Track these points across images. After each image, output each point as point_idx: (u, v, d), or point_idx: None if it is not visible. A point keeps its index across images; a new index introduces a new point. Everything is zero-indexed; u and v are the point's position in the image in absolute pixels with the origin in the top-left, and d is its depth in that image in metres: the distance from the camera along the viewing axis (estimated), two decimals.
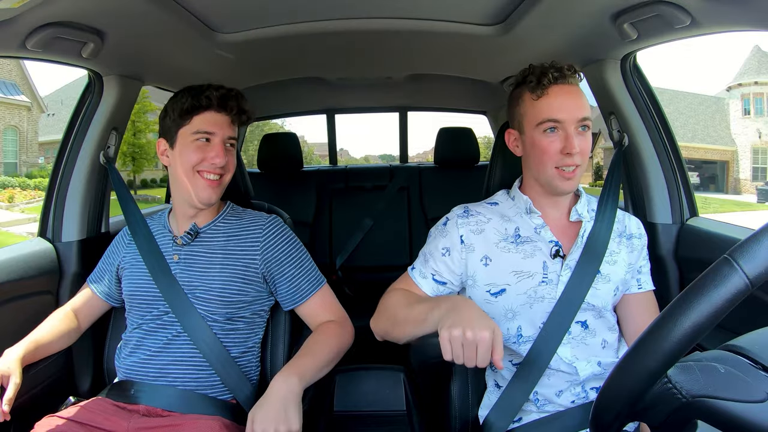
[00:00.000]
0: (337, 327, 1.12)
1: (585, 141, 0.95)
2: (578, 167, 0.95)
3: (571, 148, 0.93)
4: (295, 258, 1.14)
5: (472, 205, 1.06)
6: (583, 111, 0.95)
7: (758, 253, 0.46)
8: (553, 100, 0.94)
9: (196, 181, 1.08)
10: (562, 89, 0.95)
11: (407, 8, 1.32)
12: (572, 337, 0.97)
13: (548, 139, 0.95)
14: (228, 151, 1.10)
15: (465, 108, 2.91)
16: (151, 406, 1.03)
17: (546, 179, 0.97)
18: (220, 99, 1.08)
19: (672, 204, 1.38)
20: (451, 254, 1.01)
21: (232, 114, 1.10)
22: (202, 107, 1.07)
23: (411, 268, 1.07)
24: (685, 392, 0.48)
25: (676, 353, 0.48)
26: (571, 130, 0.93)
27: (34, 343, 1.04)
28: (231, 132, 1.10)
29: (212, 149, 1.07)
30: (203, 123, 1.07)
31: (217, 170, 1.08)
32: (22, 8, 0.89)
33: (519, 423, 0.98)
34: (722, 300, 0.46)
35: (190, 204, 1.11)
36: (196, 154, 1.07)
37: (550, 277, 0.97)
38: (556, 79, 0.94)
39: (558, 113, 0.94)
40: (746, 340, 0.53)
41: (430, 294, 1.04)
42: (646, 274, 1.06)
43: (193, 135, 1.08)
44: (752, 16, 0.93)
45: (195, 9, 1.20)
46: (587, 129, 0.96)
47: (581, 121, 0.94)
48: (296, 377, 0.96)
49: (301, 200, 2.43)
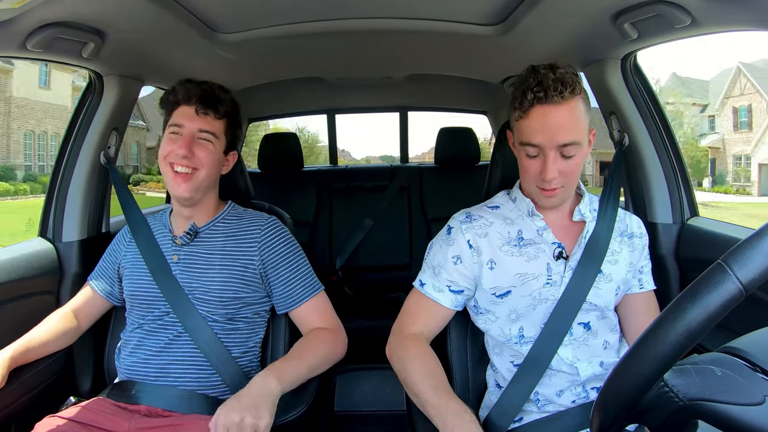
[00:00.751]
0: (329, 335, 1.10)
1: (567, 165, 0.90)
2: (559, 188, 0.93)
3: (545, 175, 0.89)
4: (291, 261, 1.13)
5: (473, 209, 1.06)
6: (566, 135, 0.88)
7: (751, 258, 0.46)
8: (533, 123, 0.89)
9: (168, 175, 1.08)
10: (543, 111, 0.88)
11: (407, 8, 1.32)
12: (574, 338, 0.97)
13: (529, 161, 0.93)
14: (198, 144, 1.08)
15: (465, 108, 2.91)
16: (152, 406, 1.03)
17: (530, 192, 0.98)
18: (186, 92, 1.09)
19: (672, 204, 1.38)
20: (462, 261, 1.00)
21: (202, 107, 1.08)
22: (178, 102, 1.09)
23: (420, 285, 1.03)
24: (682, 395, 0.49)
25: (670, 358, 0.48)
26: (550, 156, 0.89)
27: (25, 345, 1.04)
28: (202, 125, 1.08)
29: (178, 140, 1.07)
30: (175, 117, 1.09)
31: (182, 162, 1.06)
32: (23, 8, 0.89)
33: (519, 423, 0.98)
34: (716, 306, 0.46)
35: (177, 201, 1.12)
36: (167, 146, 1.08)
37: (554, 278, 0.97)
38: (539, 99, 0.87)
39: (536, 138, 0.89)
40: (744, 341, 0.53)
41: (452, 306, 1.01)
42: (648, 274, 1.06)
43: (169, 128, 1.10)
44: (753, 16, 0.93)
45: (195, 9, 1.20)
46: (573, 153, 0.90)
47: (562, 147, 0.89)
48: (276, 380, 0.94)
49: (301, 200, 2.43)
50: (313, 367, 1.04)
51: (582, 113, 0.91)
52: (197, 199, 1.11)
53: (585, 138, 0.92)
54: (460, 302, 1.03)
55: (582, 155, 0.92)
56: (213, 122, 1.10)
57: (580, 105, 0.90)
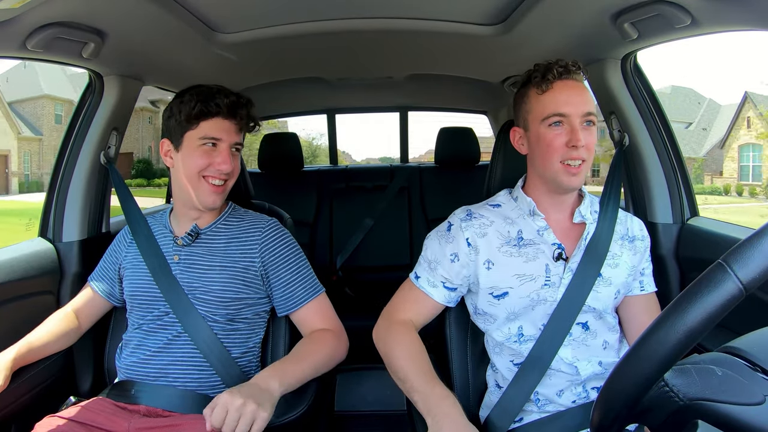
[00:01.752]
0: (331, 337, 1.10)
1: (590, 136, 0.95)
2: (584, 162, 0.95)
3: (577, 141, 0.92)
4: (292, 263, 1.13)
5: (474, 207, 1.06)
6: (588, 105, 0.95)
7: (752, 258, 0.46)
8: (558, 94, 0.95)
9: (200, 186, 1.08)
10: (566, 84, 0.95)
11: (408, 8, 1.32)
12: (573, 338, 0.97)
13: (554, 133, 0.95)
14: (234, 156, 1.10)
15: (465, 108, 2.91)
16: (151, 406, 1.03)
17: (551, 175, 0.96)
18: (229, 106, 1.07)
19: (673, 204, 1.38)
20: (460, 259, 1.01)
21: (242, 122, 1.10)
22: (211, 113, 1.07)
23: (415, 277, 1.05)
24: (682, 395, 0.49)
25: (671, 358, 0.48)
26: (576, 124, 0.93)
27: (27, 346, 1.04)
28: (237, 138, 1.10)
29: (219, 155, 1.07)
30: (211, 129, 1.07)
31: (222, 176, 1.08)
32: (23, 8, 0.89)
33: (520, 423, 0.98)
34: (716, 305, 0.46)
35: (191, 206, 1.11)
36: (203, 159, 1.07)
37: (552, 280, 0.97)
38: (560, 74, 0.95)
39: (563, 107, 0.94)
40: (744, 341, 0.53)
41: (443, 301, 1.03)
42: (649, 276, 1.06)
43: (200, 140, 1.07)
44: (753, 16, 0.93)
45: (195, 9, 1.20)
46: (592, 124, 0.96)
47: (586, 115, 0.94)
48: (277, 381, 0.93)
49: (301, 200, 2.43)
50: (314, 369, 1.03)
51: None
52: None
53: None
54: (453, 299, 1.04)
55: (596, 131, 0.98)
56: (242, 135, 1.12)
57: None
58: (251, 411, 0.84)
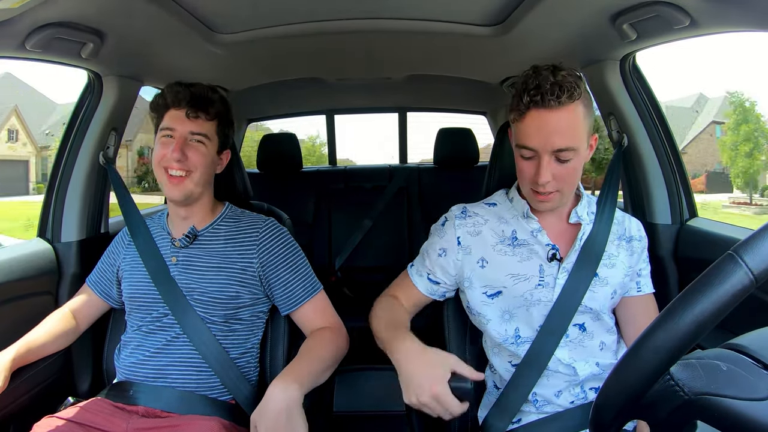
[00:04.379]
0: (332, 334, 1.10)
1: (563, 169, 0.90)
2: (554, 192, 0.92)
3: (539, 178, 0.89)
4: (291, 263, 1.13)
5: (471, 205, 1.06)
6: (562, 140, 0.87)
7: (763, 248, 0.46)
8: (528, 126, 0.89)
9: (163, 178, 1.08)
10: (539, 115, 0.87)
11: (407, 9, 1.32)
12: (570, 339, 0.97)
13: (524, 162, 0.92)
14: (190, 146, 1.08)
15: (464, 108, 2.91)
16: (150, 407, 1.03)
17: (526, 194, 0.98)
18: (175, 95, 1.08)
19: (671, 204, 1.38)
20: (447, 255, 1.02)
21: (198, 112, 1.08)
22: (167, 105, 1.09)
23: (410, 265, 1.10)
24: (688, 389, 0.48)
25: (679, 349, 0.47)
26: (544, 159, 0.88)
27: (26, 347, 1.04)
28: (193, 127, 1.08)
29: (171, 144, 1.07)
30: (167, 120, 1.09)
31: (174, 165, 1.06)
32: (22, 8, 0.89)
33: (518, 424, 0.98)
34: (727, 296, 0.46)
35: (173, 203, 1.12)
36: (159, 151, 1.08)
37: (546, 280, 0.97)
38: (535, 103, 0.86)
39: (531, 141, 0.89)
40: (748, 338, 0.53)
41: (425, 292, 1.06)
42: (646, 277, 1.05)
43: (160, 132, 1.09)
44: (752, 16, 0.93)
45: (195, 9, 1.20)
46: (569, 158, 0.89)
47: (557, 152, 0.88)
48: (296, 384, 0.92)
49: (300, 201, 2.42)
50: (327, 367, 1.03)
51: (580, 118, 0.89)
52: (193, 200, 1.11)
53: (583, 143, 0.90)
54: (438, 292, 1.06)
55: (579, 160, 0.91)
56: (204, 124, 1.10)
57: (579, 109, 0.89)
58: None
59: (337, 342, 1.09)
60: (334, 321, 1.14)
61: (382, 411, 1.80)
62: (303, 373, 0.96)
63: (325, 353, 1.04)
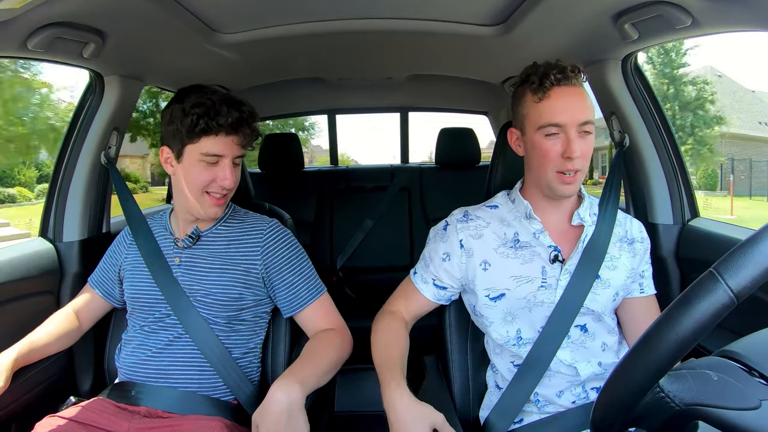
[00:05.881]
0: (335, 336, 1.09)
1: (586, 145, 0.93)
2: (579, 171, 0.93)
3: (572, 153, 0.90)
4: (294, 264, 1.13)
5: (472, 208, 1.06)
6: (585, 113, 0.92)
7: (743, 266, 0.46)
8: (555, 102, 0.92)
9: (203, 200, 1.07)
10: (564, 91, 0.92)
11: (408, 9, 1.31)
12: (571, 341, 0.97)
13: (549, 143, 0.93)
14: (235, 167, 1.09)
15: (466, 108, 2.91)
16: (152, 407, 1.03)
17: (546, 182, 0.96)
18: (232, 123, 1.04)
19: (673, 205, 1.38)
20: (451, 259, 1.02)
21: (245, 138, 1.07)
22: (213, 130, 1.03)
23: (413, 272, 1.09)
24: (678, 401, 0.49)
25: (663, 367, 0.48)
26: (572, 134, 0.91)
27: (29, 346, 1.04)
28: (240, 152, 1.08)
29: (221, 170, 1.05)
30: (213, 146, 1.03)
31: (224, 191, 1.07)
32: (24, 8, 0.89)
33: (520, 424, 0.98)
34: (707, 315, 0.46)
35: (193, 213, 1.10)
36: (205, 176, 1.05)
37: (549, 282, 0.97)
38: (558, 81, 0.92)
39: (559, 117, 0.91)
40: (741, 345, 0.53)
41: (432, 298, 1.05)
42: (648, 278, 1.05)
43: (201, 155, 1.03)
44: (753, 16, 0.93)
45: (196, 9, 1.20)
46: (589, 133, 0.93)
47: (583, 125, 0.92)
48: (298, 385, 0.91)
49: (302, 201, 2.42)
50: (329, 369, 1.02)
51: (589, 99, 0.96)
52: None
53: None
54: (444, 297, 1.06)
55: (593, 137, 0.95)
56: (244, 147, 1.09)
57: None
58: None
59: (341, 344, 1.08)
60: (338, 323, 1.13)
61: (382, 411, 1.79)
62: (305, 374, 0.96)
63: (328, 355, 1.03)
